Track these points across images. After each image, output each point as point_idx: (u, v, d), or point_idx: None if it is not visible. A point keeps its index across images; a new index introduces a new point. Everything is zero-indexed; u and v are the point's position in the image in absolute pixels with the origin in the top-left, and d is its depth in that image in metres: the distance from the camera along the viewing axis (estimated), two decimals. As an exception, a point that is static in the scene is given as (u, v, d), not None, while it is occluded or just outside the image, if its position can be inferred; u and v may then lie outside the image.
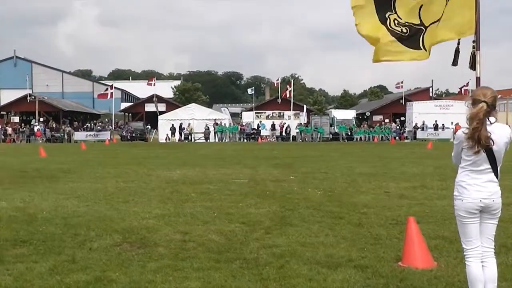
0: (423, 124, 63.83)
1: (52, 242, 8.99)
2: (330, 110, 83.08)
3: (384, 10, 7.54)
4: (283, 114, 67.99)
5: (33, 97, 77.97)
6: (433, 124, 62.98)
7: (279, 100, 77.61)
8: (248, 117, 70.51)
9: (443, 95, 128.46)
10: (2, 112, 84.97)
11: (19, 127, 70.45)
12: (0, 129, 66.47)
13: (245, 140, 63.53)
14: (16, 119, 79.40)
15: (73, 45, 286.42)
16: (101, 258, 7.96)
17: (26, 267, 7.47)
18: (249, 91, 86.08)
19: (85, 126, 75.00)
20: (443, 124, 62.16)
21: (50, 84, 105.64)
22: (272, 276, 7.10)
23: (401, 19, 7.49)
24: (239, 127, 66.30)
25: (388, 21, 7.52)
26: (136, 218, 11.14)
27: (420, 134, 63.00)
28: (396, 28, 7.51)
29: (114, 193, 15.09)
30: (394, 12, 7.51)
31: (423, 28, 7.43)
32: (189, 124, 62.91)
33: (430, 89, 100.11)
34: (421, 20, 7.43)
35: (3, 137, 64.65)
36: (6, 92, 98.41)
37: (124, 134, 68.18)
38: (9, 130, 67.58)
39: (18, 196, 14.23)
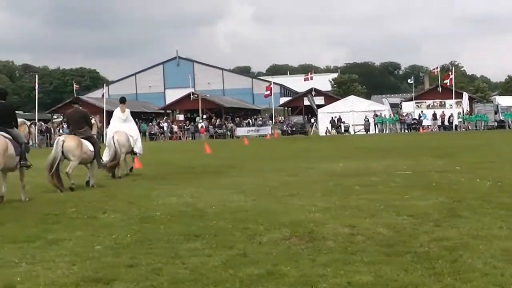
0: None
1: (223, 236, 9.21)
2: (494, 97, 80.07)
3: None
4: (444, 103, 66.32)
5: (196, 95, 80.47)
6: None
7: (440, 89, 75.73)
8: (408, 107, 69.33)
9: None
10: (167, 111, 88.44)
11: (184, 124, 72.98)
12: (166, 127, 69.16)
13: (406, 131, 62.52)
14: (181, 117, 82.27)
15: (231, 43, 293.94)
16: (271, 252, 8.06)
17: (200, 261, 7.70)
18: (409, 81, 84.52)
19: (246, 122, 76.48)
20: None
21: (211, 82, 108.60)
22: (446, 270, 6.91)
23: None
24: (399, 117, 65.32)
25: None
26: (303, 211, 11.20)
27: None
28: None
29: (278, 187, 15.24)
30: None
31: None
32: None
33: None
34: None
35: (169, 134, 67.28)
36: (171, 91, 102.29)
37: (284, 128, 68.94)
38: (175, 127, 70.26)
39: (187, 192, 14.67)
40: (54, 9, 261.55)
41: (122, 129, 20.38)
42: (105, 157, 18.81)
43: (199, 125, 69.14)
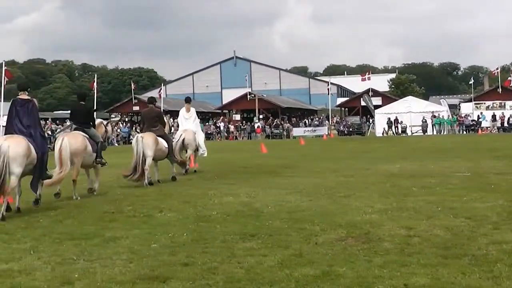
0: None
1: (278, 236, 9.21)
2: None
3: None
4: (504, 104, 65.09)
5: (252, 95, 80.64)
6: None
7: (499, 90, 74.34)
8: (467, 108, 68.23)
9: None
10: (224, 111, 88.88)
11: (241, 124, 73.25)
12: (223, 126, 69.52)
13: (464, 132, 61.60)
14: (238, 117, 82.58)
15: (289, 43, 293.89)
16: (327, 253, 8.03)
17: (256, 261, 7.71)
18: (470, 82, 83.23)
19: (303, 122, 76.37)
20: None
21: (268, 82, 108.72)
22: (504, 273, 6.78)
23: None
24: (457, 118, 64.40)
25: None
26: (359, 212, 11.13)
27: None
28: None
29: (335, 187, 15.18)
30: None
31: None
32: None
33: None
34: None
35: (226, 134, 67.59)
36: (228, 91, 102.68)
37: (341, 128, 68.67)
38: (232, 127, 70.53)
39: (243, 191, 14.72)
40: (114, 10, 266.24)
41: (190, 128, 21.30)
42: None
43: (256, 125, 69.27)
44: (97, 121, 16.44)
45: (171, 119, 18.99)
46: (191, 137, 20.92)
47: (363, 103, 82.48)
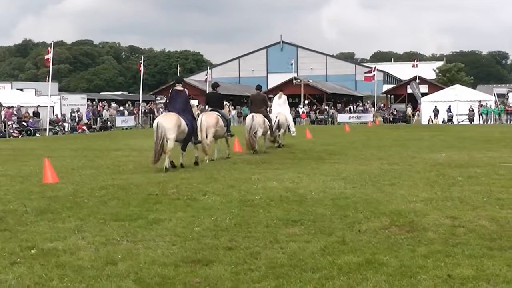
0: None
1: (322, 222, 9.20)
2: None
3: None
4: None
5: (298, 80, 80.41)
6: None
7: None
8: (515, 98, 67.13)
9: None
10: (269, 95, 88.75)
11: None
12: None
13: (512, 122, 60.66)
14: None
15: (336, 29, 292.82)
16: (371, 241, 8.00)
17: (299, 247, 7.71)
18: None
19: (348, 108, 75.93)
20: None
21: (314, 67, 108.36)
22: (550, 267, 6.69)
23: None
24: (505, 108, 63.37)
25: None
26: (403, 201, 11.04)
27: None
28: None
29: (380, 175, 15.06)
30: None
31: None
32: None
33: None
34: None
35: (270, 119, 67.46)
36: (273, 75, 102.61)
37: (386, 116, 68.15)
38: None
39: (288, 177, 14.70)
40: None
41: (282, 111, 25.80)
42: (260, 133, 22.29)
43: (300, 111, 69.08)
44: (225, 103, 21.43)
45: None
46: (284, 119, 25.27)
47: (409, 91, 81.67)
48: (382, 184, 13.38)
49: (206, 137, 18.93)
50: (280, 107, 26.23)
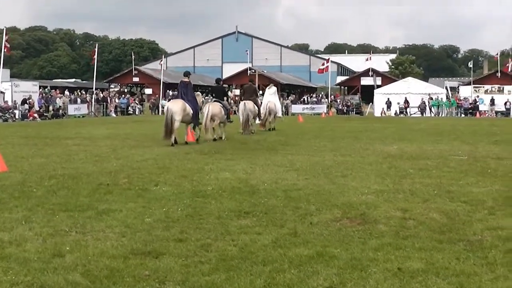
0: None
1: (273, 214, 9.17)
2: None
3: None
4: (503, 89, 64.94)
5: (253, 71, 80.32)
6: None
7: (498, 74, 74.03)
8: (466, 92, 68.07)
9: None
10: (224, 85, 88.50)
11: (240, 99, 73.00)
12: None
13: (462, 115, 61.50)
14: (237, 91, 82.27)
15: (291, 20, 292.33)
16: (322, 233, 7.99)
17: (250, 239, 7.67)
18: (469, 64, 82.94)
19: (302, 99, 76.15)
20: None
21: (269, 58, 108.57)
22: (499, 260, 6.75)
23: None
24: (456, 101, 64.27)
25: None
26: (355, 193, 11.07)
27: None
28: None
29: (332, 166, 15.10)
30: None
31: None
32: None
33: None
34: None
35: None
36: (228, 65, 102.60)
37: (340, 107, 68.56)
38: (231, 102, 70.30)
39: (240, 167, 14.65)
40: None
41: (271, 100, 31.53)
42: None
43: (254, 101, 69.06)
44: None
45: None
46: (273, 106, 30.90)
47: (362, 82, 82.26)
48: (335, 175, 13.42)
49: (211, 122, 23.05)
50: (270, 97, 32.08)
